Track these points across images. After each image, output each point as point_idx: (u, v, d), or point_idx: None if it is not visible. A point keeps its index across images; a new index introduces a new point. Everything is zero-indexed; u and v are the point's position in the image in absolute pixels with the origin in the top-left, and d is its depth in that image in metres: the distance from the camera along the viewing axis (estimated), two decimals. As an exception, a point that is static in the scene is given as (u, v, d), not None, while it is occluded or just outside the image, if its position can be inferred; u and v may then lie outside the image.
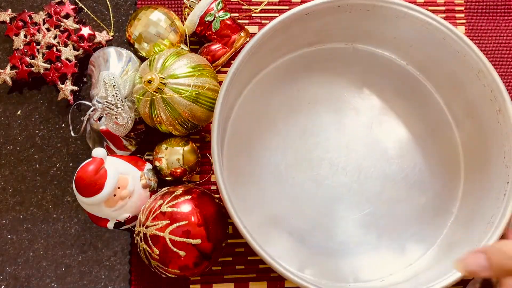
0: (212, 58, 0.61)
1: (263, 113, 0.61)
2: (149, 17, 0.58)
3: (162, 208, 0.53)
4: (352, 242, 0.59)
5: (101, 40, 0.63)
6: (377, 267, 0.58)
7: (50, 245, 0.60)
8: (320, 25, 0.58)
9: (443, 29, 0.56)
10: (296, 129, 0.62)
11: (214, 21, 0.60)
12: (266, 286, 0.60)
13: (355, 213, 0.60)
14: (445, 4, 0.67)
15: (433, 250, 0.59)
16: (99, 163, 0.52)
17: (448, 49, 0.57)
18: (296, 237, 0.59)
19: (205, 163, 0.62)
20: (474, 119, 0.59)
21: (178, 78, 0.54)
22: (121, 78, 0.57)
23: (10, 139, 0.62)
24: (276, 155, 0.61)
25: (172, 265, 0.52)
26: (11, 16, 0.62)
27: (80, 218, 0.61)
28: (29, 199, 0.61)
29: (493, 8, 0.67)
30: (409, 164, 0.62)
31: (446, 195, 0.60)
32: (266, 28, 0.53)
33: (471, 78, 0.57)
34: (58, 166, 0.62)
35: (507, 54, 0.66)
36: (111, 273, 0.60)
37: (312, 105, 0.63)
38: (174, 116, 0.55)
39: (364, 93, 0.63)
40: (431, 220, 0.60)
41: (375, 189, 0.61)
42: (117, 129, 0.57)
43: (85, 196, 0.51)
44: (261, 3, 0.65)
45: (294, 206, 0.60)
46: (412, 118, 0.63)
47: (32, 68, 0.61)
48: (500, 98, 0.54)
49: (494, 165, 0.56)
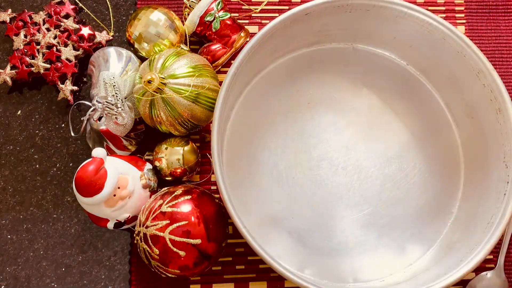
0: (212, 58, 0.61)
1: (263, 113, 0.61)
2: (149, 17, 0.58)
3: (162, 208, 0.53)
4: (352, 242, 0.59)
5: (101, 40, 0.63)
6: (377, 267, 0.58)
7: (50, 245, 0.60)
8: (320, 25, 0.58)
9: (443, 29, 0.56)
10: (296, 129, 0.62)
11: (214, 21, 0.60)
12: (266, 286, 0.60)
13: (355, 213, 0.61)
14: (445, 4, 0.67)
15: (433, 250, 0.59)
16: (99, 163, 0.52)
17: (448, 49, 0.57)
18: (296, 237, 0.59)
19: (205, 163, 0.62)
20: (474, 119, 0.59)
21: (178, 78, 0.54)
22: (121, 78, 0.57)
23: (10, 139, 0.62)
24: (276, 155, 0.61)
25: (172, 265, 0.52)
26: (11, 16, 0.62)
27: (80, 218, 0.61)
28: (29, 199, 0.61)
29: (493, 8, 0.67)
30: (409, 164, 0.62)
31: (446, 195, 0.60)
32: (266, 28, 0.53)
33: (471, 78, 0.57)
34: (58, 166, 0.62)
35: (507, 54, 0.66)
36: (111, 273, 0.60)
37: (312, 105, 0.63)
38: (174, 116, 0.55)
39: (364, 93, 0.63)
40: (431, 220, 0.60)
41: (375, 189, 0.61)
42: (117, 129, 0.57)
43: (85, 196, 0.51)
44: (261, 3, 0.65)
45: (294, 206, 0.60)
46: (412, 118, 0.63)
47: (32, 68, 0.61)
48: (500, 98, 0.54)
49: (494, 165, 0.56)
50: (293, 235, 0.59)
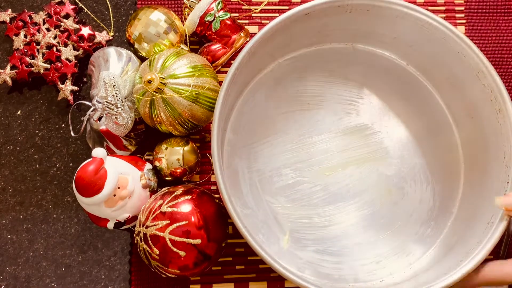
0: (212, 58, 0.61)
1: (263, 113, 0.61)
2: (149, 17, 0.58)
3: (162, 208, 0.53)
4: (351, 242, 0.59)
5: (101, 40, 0.63)
6: (377, 267, 0.58)
7: (50, 245, 0.60)
8: (320, 25, 0.58)
9: (443, 29, 0.56)
10: (296, 129, 0.62)
11: (214, 21, 0.60)
12: (266, 286, 0.60)
13: (355, 213, 0.61)
14: (445, 4, 0.67)
15: (433, 250, 0.58)
16: (99, 163, 0.52)
17: (448, 49, 0.57)
18: (296, 237, 0.59)
19: (205, 163, 0.62)
20: (474, 119, 0.58)
21: (178, 78, 0.54)
22: (121, 78, 0.57)
23: (10, 139, 0.62)
24: (276, 155, 0.61)
25: (172, 265, 0.52)
26: (11, 16, 0.62)
27: (80, 218, 0.61)
28: (29, 199, 0.61)
29: (493, 8, 0.67)
30: (409, 164, 0.62)
31: (446, 195, 0.60)
32: (266, 28, 0.53)
33: (471, 78, 0.57)
34: (58, 166, 0.62)
35: (507, 54, 0.66)
36: (111, 273, 0.60)
37: (312, 105, 0.63)
38: (174, 116, 0.55)
39: (364, 93, 0.63)
40: (431, 220, 0.60)
41: (375, 189, 0.61)
42: (117, 129, 0.57)
43: (85, 196, 0.51)
44: (261, 3, 0.65)
45: (294, 206, 0.60)
46: (412, 118, 0.63)
47: (32, 68, 0.61)
48: (500, 98, 0.54)
49: (494, 165, 0.56)
50: (293, 235, 0.59)
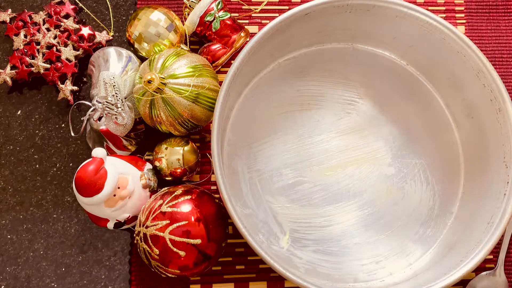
0: (212, 58, 0.61)
1: (263, 113, 0.61)
2: (149, 17, 0.58)
3: (162, 208, 0.53)
4: (351, 242, 0.59)
5: (101, 40, 0.63)
6: (377, 267, 0.58)
7: (50, 245, 0.60)
8: (320, 25, 0.58)
9: (443, 29, 0.56)
10: (296, 129, 0.62)
11: (214, 21, 0.60)
12: (266, 286, 0.60)
13: (355, 213, 0.61)
14: (445, 4, 0.67)
15: (433, 250, 0.58)
16: (99, 163, 0.52)
17: (448, 49, 0.57)
18: (296, 237, 0.59)
19: (205, 163, 0.62)
20: (474, 119, 0.58)
21: (178, 78, 0.54)
22: (121, 78, 0.57)
23: (10, 139, 0.62)
24: (276, 155, 0.61)
25: (172, 265, 0.52)
26: (11, 16, 0.62)
27: (80, 218, 0.61)
28: (29, 199, 0.61)
29: (493, 8, 0.67)
30: (409, 164, 0.62)
31: (446, 195, 0.60)
32: (266, 28, 0.53)
33: (471, 78, 0.57)
34: (58, 166, 0.62)
35: (507, 54, 0.66)
36: (111, 273, 0.60)
37: (311, 105, 0.63)
38: (174, 116, 0.55)
39: (364, 93, 0.63)
40: (431, 220, 0.60)
41: (375, 189, 0.61)
42: (117, 129, 0.56)
43: (85, 196, 0.51)
44: (261, 3, 0.65)
45: (294, 206, 0.60)
46: (412, 118, 0.63)
47: (32, 68, 0.61)
48: (500, 98, 0.54)
49: (494, 165, 0.56)
50: (293, 235, 0.59)
